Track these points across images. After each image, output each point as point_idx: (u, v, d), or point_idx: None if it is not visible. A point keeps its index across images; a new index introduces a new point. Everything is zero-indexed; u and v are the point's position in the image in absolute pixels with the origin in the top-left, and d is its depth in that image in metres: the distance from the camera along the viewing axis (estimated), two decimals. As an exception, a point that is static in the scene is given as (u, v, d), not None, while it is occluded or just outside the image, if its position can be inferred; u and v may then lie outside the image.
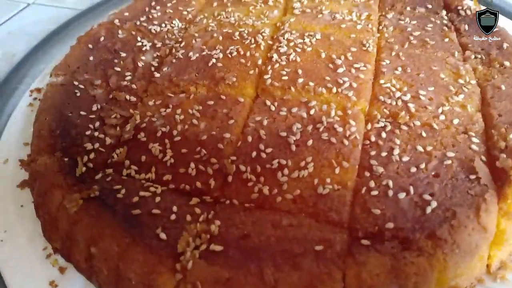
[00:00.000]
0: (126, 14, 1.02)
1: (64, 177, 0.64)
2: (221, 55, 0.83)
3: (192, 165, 0.65)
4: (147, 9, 1.04)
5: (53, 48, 1.10)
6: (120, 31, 0.96)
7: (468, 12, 0.96)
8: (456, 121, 0.68)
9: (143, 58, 0.89)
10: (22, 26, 1.26)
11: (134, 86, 0.82)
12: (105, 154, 0.70)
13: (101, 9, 1.28)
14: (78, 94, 0.80)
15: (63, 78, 0.83)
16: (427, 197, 0.58)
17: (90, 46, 0.92)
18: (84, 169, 0.66)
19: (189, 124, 0.71)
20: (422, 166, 0.62)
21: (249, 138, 0.68)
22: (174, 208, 0.59)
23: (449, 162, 0.62)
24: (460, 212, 0.56)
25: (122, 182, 0.64)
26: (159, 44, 0.93)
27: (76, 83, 0.82)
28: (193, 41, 0.90)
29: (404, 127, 0.68)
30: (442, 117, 0.69)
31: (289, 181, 0.61)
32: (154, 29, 0.98)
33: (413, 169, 0.62)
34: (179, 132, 0.70)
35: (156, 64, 0.88)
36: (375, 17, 0.93)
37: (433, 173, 0.61)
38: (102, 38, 0.94)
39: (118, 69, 0.86)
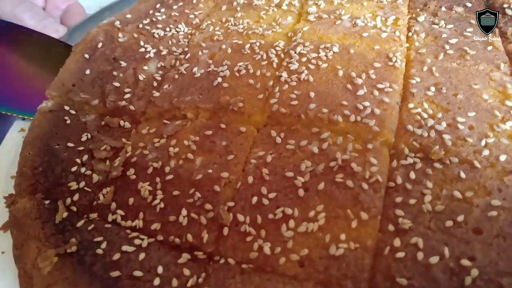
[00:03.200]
0: (129, 16, 0.93)
1: (42, 226, 0.57)
2: (228, 73, 0.73)
3: (184, 212, 0.57)
4: (151, 11, 0.95)
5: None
6: (120, 34, 0.88)
7: (517, 10, 0.81)
8: (503, 158, 0.56)
9: (145, 68, 0.80)
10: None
11: (132, 107, 0.74)
12: (91, 194, 0.63)
13: (106, 14, 1.20)
14: (68, 122, 0.73)
15: (53, 104, 0.76)
16: (465, 262, 0.47)
17: (87, 56, 0.84)
18: (65, 214, 0.59)
19: (184, 159, 0.62)
20: (460, 219, 0.51)
21: (250, 179, 0.58)
22: (159, 269, 0.51)
23: (494, 213, 0.51)
24: (508, 284, 0.45)
25: (105, 232, 0.57)
26: (164, 52, 0.84)
27: (67, 108, 0.75)
28: (200, 53, 0.80)
29: (438, 165, 0.56)
30: (485, 152, 0.57)
31: (295, 237, 0.52)
32: (158, 33, 0.88)
33: (449, 223, 0.51)
34: (172, 169, 0.62)
35: (159, 78, 0.78)
36: (403, 22, 0.79)
37: (473, 228, 0.50)
38: (100, 44, 0.86)
39: (117, 84, 0.78)
